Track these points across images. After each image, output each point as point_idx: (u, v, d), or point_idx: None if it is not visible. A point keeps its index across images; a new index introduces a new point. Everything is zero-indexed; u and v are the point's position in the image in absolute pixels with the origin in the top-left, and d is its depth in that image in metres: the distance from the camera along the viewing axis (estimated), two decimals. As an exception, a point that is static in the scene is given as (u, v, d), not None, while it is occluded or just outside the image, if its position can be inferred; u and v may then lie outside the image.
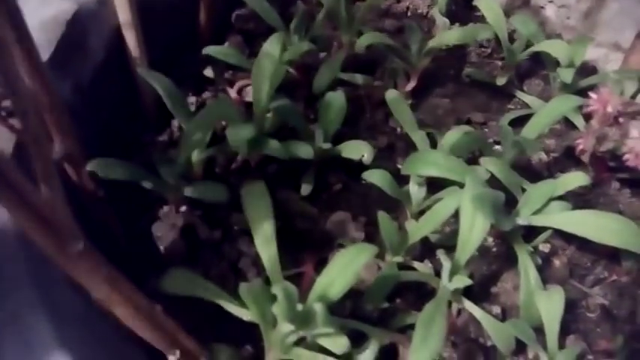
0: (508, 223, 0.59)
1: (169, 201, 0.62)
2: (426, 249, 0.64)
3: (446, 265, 0.54)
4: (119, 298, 0.34)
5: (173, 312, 0.46)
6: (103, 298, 0.33)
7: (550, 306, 0.55)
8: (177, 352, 0.39)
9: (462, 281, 0.54)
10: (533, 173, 0.71)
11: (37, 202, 0.29)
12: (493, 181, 0.65)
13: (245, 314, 0.48)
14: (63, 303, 0.41)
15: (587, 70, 0.81)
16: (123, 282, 0.34)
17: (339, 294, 0.48)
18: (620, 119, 0.65)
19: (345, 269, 0.48)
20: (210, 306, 0.51)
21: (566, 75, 0.70)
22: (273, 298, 0.45)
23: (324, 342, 0.46)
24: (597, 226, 0.58)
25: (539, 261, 0.64)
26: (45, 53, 0.52)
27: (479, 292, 0.63)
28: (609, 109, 0.63)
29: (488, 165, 0.61)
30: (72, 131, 0.46)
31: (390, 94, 0.69)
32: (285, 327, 0.44)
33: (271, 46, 0.63)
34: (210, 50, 0.67)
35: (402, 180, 0.65)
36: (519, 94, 0.79)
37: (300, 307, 0.46)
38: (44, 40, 0.53)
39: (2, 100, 0.44)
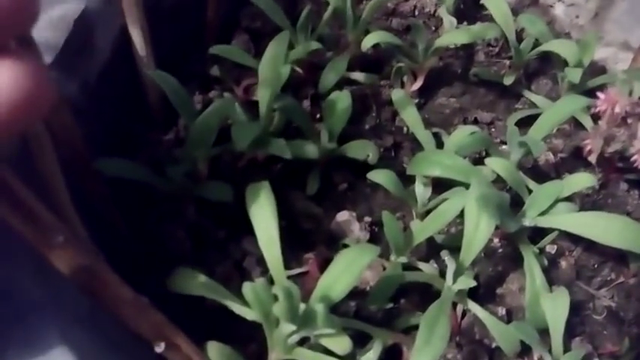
0: (514, 224, 0.59)
1: (176, 200, 0.62)
2: (432, 249, 0.64)
3: (450, 266, 0.54)
4: (101, 288, 0.35)
5: (177, 311, 0.46)
6: (84, 288, 0.35)
7: (555, 308, 0.54)
8: (162, 345, 0.39)
9: (467, 282, 0.54)
10: (540, 174, 0.71)
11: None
12: (499, 182, 0.65)
13: (248, 314, 0.48)
14: (69, 303, 0.41)
15: (596, 69, 0.81)
16: (106, 273, 0.35)
17: (341, 294, 0.48)
18: (629, 120, 0.64)
19: (347, 269, 0.48)
20: (215, 305, 0.52)
21: (574, 75, 0.69)
22: (277, 298, 0.46)
23: (326, 342, 0.46)
24: (604, 227, 0.58)
25: (546, 262, 0.64)
26: (53, 52, 0.53)
27: (484, 293, 0.63)
28: (617, 110, 0.63)
29: (494, 165, 0.61)
30: (77, 130, 0.46)
31: (397, 94, 0.69)
32: (287, 327, 0.44)
33: (277, 46, 0.63)
34: (216, 50, 0.67)
35: (407, 180, 0.65)
36: (527, 94, 0.78)
37: (302, 307, 0.46)
38: (52, 38, 0.53)
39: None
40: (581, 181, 0.61)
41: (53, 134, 0.40)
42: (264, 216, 0.51)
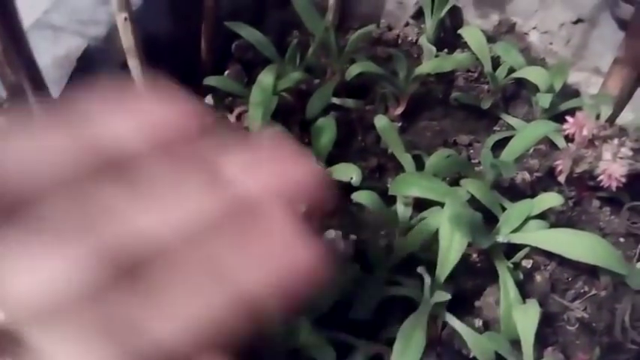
0: (487, 240, 0.63)
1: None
2: (413, 265, 0.68)
3: (427, 280, 0.58)
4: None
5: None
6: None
7: (526, 319, 0.58)
8: None
9: (443, 296, 0.58)
10: (516, 192, 0.75)
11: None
12: (476, 201, 0.69)
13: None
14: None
15: (569, 92, 0.85)
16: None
17: (326, 306, 0.52)
18: (596, 142, 0.68)
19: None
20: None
21: (545, 100, 0.74)
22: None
23: (310, 353, 0.50)
24: (572, 243, 0.62)
25: (521, 276, 0.68)
26: (58, 88, 0.57)
27: (463, 305, 0.67)
28: (585, 133, 0.67)
29: (468, 186, 0.65)
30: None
31: (380, 120, 0.74)
32: (276, 338, 0.48)
33: (265, 77, 0.68)
34: (210, 81, 0.72)
35: (391, 199, 0.69)
36: (504, 117, 0.83)
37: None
38: (57, 76, 0.58)
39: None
40: (551, 200, 0.65)
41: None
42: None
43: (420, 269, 0.57)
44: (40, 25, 0.58)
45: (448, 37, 0.90)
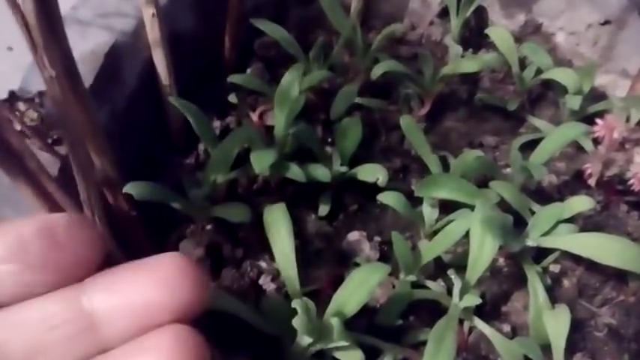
0: (517, 244, 0.62)
1: (196, 220, 0.65)
2: (439, 268, 0.67)
3: (457, 284, 0.57)
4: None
5: (196, 325, 0.49)
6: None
7: (556, 324, 0.57)
8: None
9: (472, 300, 0.57)
10: (543, 195, 0.74)
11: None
12: (503, 204, 0.68)
13: (266, 327, 0.51)
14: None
15: (596, 95, 0.84)
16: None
17: (354, 310, 0.51)
18: (626, 145, 0.67)
19: (360, 287, 0.51)
20: (232, 321, 0.55)
21: (574, 102, 0.73)
22: (292, 314, 0.49)
23: (340, 355, 0.49)
24: (602, 248, 0.61)
25: (549, 281, 0.67)
26: (85, 83, 0.57)
27: (490, 310, 0.66)
28: (615, 136, 0.66)
29: (498, 188, 0.64)
30: (110, 156, 0.50)
31: (405, 120, 0.73)
32: (304, 340, 0.47)
33: (291, 75, 0.67)
34: (234, 78, 0.71)
35: (415, 201, 0.68)
36: (530, 119, 0.81)
37: (317, 321, 0.49)
38: (84, 71, 0.57)
39: (50, 130, 0.49)
40: (581, 203, 0.64)
41: (91, 161, 0.44)
42: (281, 236, 0.55)
43: (451, 272, 0.56)
44: (67, 21, 0.57)
45: (473, 37, 0.89)
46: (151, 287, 0.19)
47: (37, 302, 0.18)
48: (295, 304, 0.46)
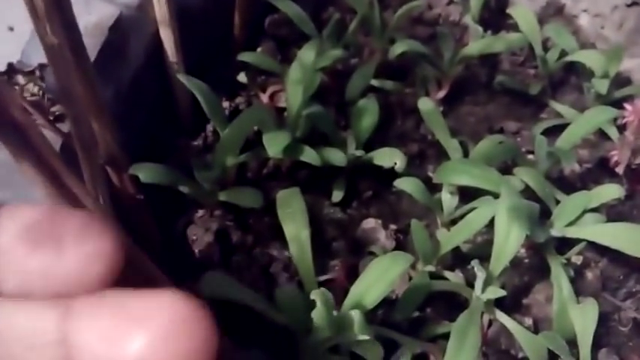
0: (542, 234, 0.59)
1: (204, 205, 0.62)
2: (457, 259, 0.64)
3: (480, 275, 0.54)
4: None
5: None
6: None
7: (584, 319, 0.54)
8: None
9: (496, 292, 0.54)
10: (566, 184, 0.71)
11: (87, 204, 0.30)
12: (526, 192, 0.64)
13: (280, 319, 0.49)
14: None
15: (621, 80, 0.80)
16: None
17: (374, 302, 0.48)
18: (657, 132, 0.64)
19: (381, 278, 0.48)
20: (242, 311, 0.52)
21: (601, 86, 0.69)
22: (307, 304, 0.46)
23: (359, 350, 0.46)
24: (631, 238, 0.58)
25: (572, 273, 0.64)
26: (91, 57, 0.53)
27: (511, 303, 0.63)
28: (645, 121, 0.62)
29: (523, 175, 0.61)
30: (115, 135, 0.47)
31: (424, 103, 0.69)
32: (322, 333, 0.44)
33: (306, 54, 0.64)
34: (245, 57, 0.68)
35: (432, 188, 0.65)
36: (552, 104, 0.78)
37: (335, 313, 0.46)
38: (87, 45, 0.54)
39: (52, 106, 0.45)
40: (609, 192, 0.61)
41: (95, 140, 0.41)
42: (295, 223, 0.52)
43: (475, 262, 0.53)
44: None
45: (493, 18, 0.85)
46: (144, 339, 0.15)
47: (31, 308, 0.16)
48: (314, 295, 0.43)
